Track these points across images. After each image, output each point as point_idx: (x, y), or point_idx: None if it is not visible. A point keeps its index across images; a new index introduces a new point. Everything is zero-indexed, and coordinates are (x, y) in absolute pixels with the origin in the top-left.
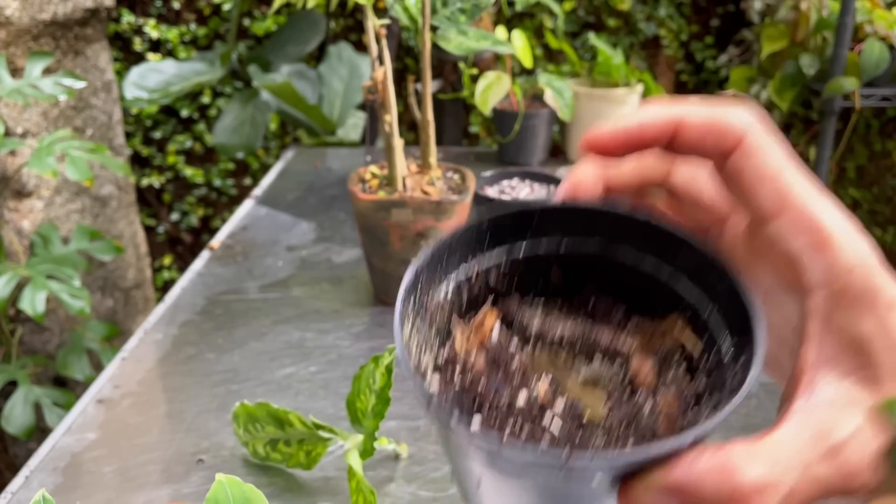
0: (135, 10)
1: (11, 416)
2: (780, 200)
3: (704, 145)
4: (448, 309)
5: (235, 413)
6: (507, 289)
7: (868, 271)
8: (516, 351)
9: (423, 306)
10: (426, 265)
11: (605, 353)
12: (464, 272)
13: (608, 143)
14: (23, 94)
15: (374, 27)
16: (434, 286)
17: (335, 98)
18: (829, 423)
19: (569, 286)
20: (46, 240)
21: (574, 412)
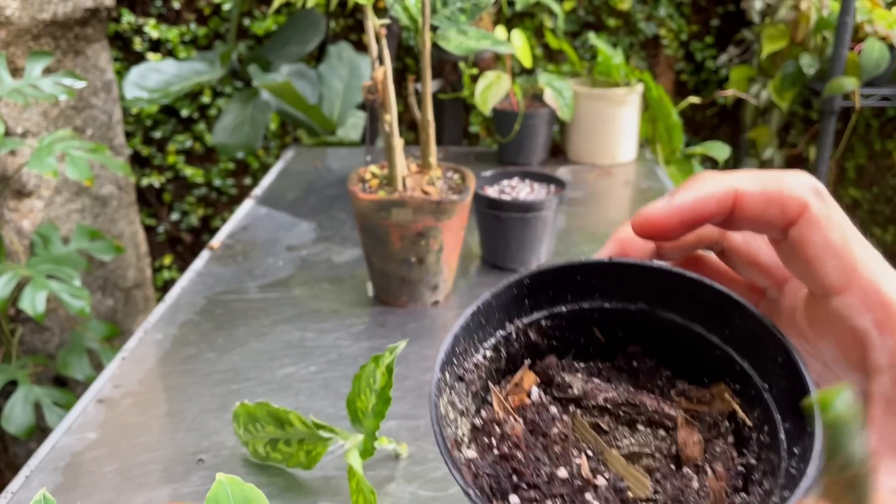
0: (135, 10)
1: (12, 415)
2: (846, 274)
3: (765, 218)
4: (487, 369)
5: (235, 413)
6: (549, 347)
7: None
8: (556, 416)
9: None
10: (463, 331)
11: (650, 422)
12: (503, 332)
13: (663, 224)
14: (23, 93)
15: (373, 27)
16: (472, 349)
17: (335, 98)
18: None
19: (611, 346)
20: (46, 239)
21: (618, 490)
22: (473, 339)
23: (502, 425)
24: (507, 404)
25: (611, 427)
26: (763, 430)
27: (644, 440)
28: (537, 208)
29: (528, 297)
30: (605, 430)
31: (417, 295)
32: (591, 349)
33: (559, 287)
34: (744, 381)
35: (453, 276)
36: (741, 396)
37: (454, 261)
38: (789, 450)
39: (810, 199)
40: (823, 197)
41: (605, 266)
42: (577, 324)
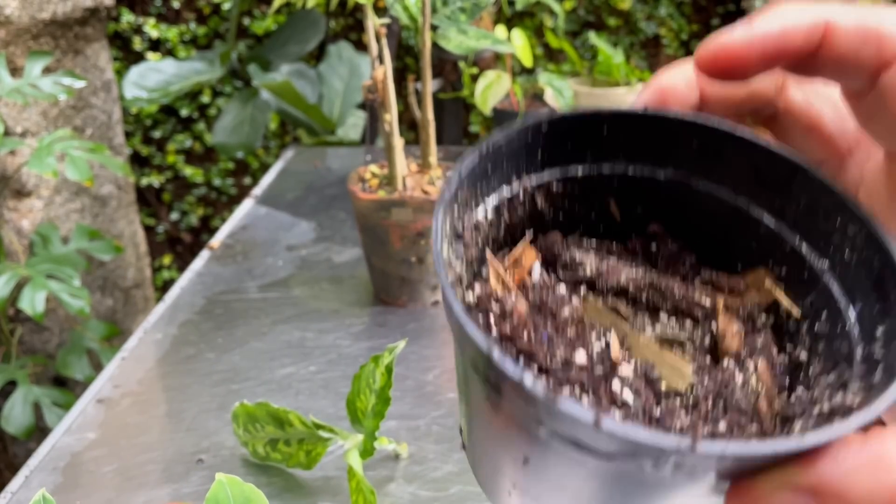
0: (134, 10)
1: (11, 415)
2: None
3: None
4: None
5: (235, 413)
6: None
7: None
8: (565, 298)
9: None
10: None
11: (676, 310)
12: (508, 190)
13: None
14: (22, 93)
15: (373, 26)
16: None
17: (335, 97)
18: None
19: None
20: (46, 239)
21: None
22: (476, 189)
23: (503, 302)
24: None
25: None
26: (819, 319)
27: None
28: None
29: (542, 149)
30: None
31: (417, 295)
32: (602, 228)
33: (580, 141)
34: (793, 264)
35: None
36: (787, 283)
37: None
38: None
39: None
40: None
41: (639, 118)
42: (592, 193)
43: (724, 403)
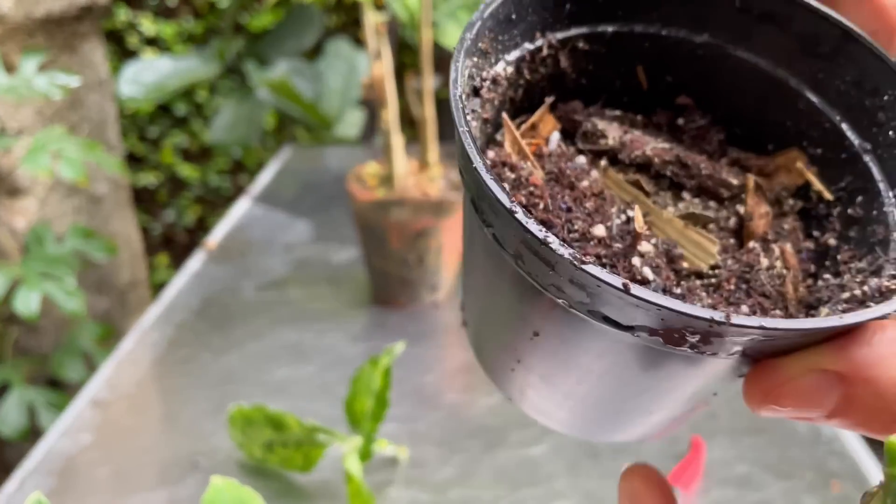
0: (130, 6)
1: (5, 417)
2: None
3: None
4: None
5: (232, 415)
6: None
7: None
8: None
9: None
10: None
11: (701, 189)
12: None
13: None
14: (17, 91)
15: (372, 23)
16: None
17: (333, 95)
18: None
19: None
20: (40, 239)
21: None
22: (497, 40)
23: (517, 169)
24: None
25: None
26: (854, 202)
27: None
28: None
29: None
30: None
31: (416, 295)
32: (626, 99)
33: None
34: (830, 143)
35: (453, 276)
36: (822, 164)
37: (454, 261)
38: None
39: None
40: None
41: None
42: (619, 56)
43: (747, 286)
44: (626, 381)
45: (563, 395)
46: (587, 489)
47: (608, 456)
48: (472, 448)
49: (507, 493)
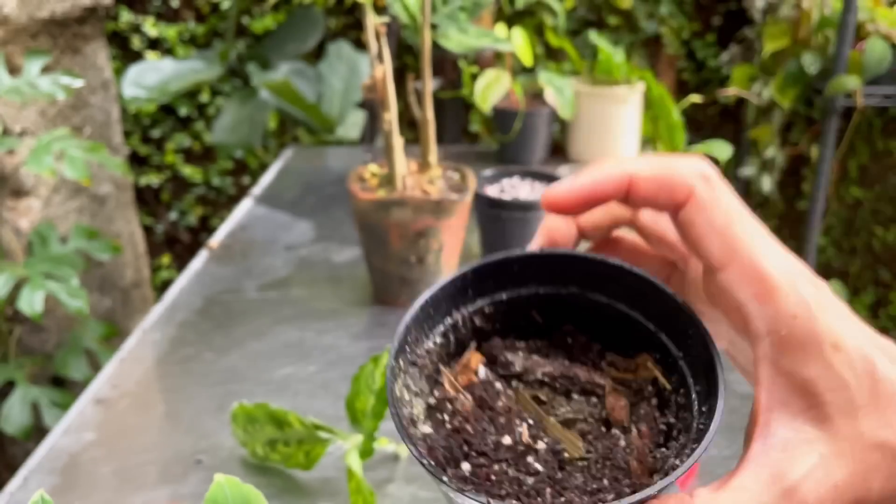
0: (133, 8)
1: (9, 416)
2: (727, 253)
3: (657, 200)
4: (437, 353)
5: (234, 413)
6: (492, 330)
7: (811, 317)
8: (501, 391)
9: (414, 357)
10: (413, 321)
11: (583, 391)
12: (450, 320)
13: (565, 201)
14: (21, 92)
15: (373, 25)
16: (423, 337)
17: (334, 96)
18: (785, 463)
19: (549, 326)
20: (44, 239)
21: (555, 452)
22: (423, 328)
23: (453, 402)
24: (456, 383)
25: (549, 397)
26: (679, 393)
27: (578, 407)
28: (538, 208)
29: (471, 288)
30: (545, 400)
31: (417, 294)
32: (531, 329)
33: (499, 277)
34: (663, 351)
35: None
36: (661, 364)
37: (454, 260)
38: (699, 409)
39: (697, 184)
40: (710, 181)
41: (537, 257)
42: (517, 308)
43: (610, 462)
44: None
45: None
46: None
47: None
48: None
49: None
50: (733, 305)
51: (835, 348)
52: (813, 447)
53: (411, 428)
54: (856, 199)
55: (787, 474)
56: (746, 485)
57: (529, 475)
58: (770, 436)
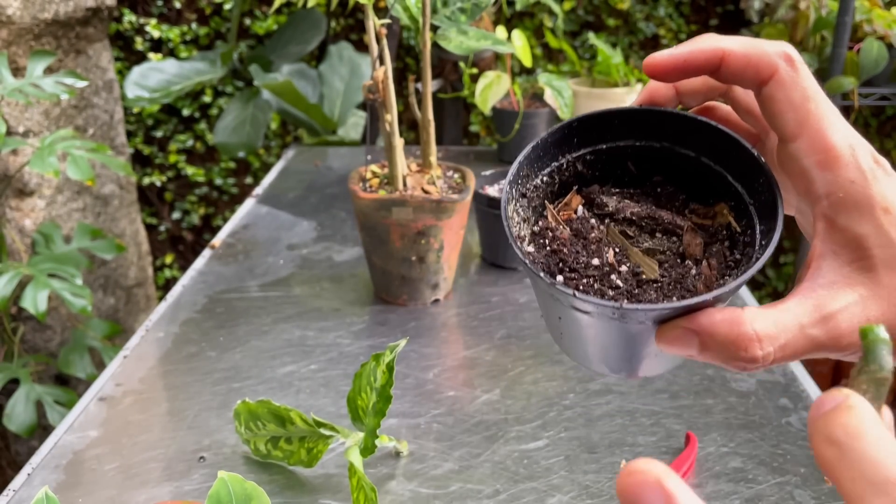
0: (136, 10)
1: (13, 413)
2: (799, 126)
3: (744, 75)
4: (543, 190)
5: (237, 411)
6: (591, 176)
7: (866, 184)
8: (595, 226)
9: (524, 189)
10: (525, 159)
11: (665, 230)
12: (556, 163)
13: (663, 67)
14: (24, 93)
15: (374, 26)
16: (533, 173)
17: (336, 97)
18: (828, 298)
19: (641, 176)
20: (48, 238)
21: (635, 273)
22: (533, 167)
23: (554, 231)
24: (557, 217)
25: (635, 233)
26: (747, 233)
27: (660, 242)
28: None
29: (576, 137)
30: (631, 235)
31: (418, 293)
32: (626, 179)
33: (600, 129)
34: (737, 199)
35: (453, 275)
36: (735, 211)
37: (454, 259)
38: (760, 243)
39: (780, 64)
40: (793, 62)
41: (636, 112)
42: (615, 158)
43: (680, 285)
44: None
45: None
46: (584, 483)
47: (605, 450)
48: (472, 443)
49: (506, 486)
50: (799, 171)
51: (885, 211)
52: (854, 289)
53: (519, 243)
54: None
55: (828, 305)
56: (791, 308)
57: (611, 288)
58: (819, 277)
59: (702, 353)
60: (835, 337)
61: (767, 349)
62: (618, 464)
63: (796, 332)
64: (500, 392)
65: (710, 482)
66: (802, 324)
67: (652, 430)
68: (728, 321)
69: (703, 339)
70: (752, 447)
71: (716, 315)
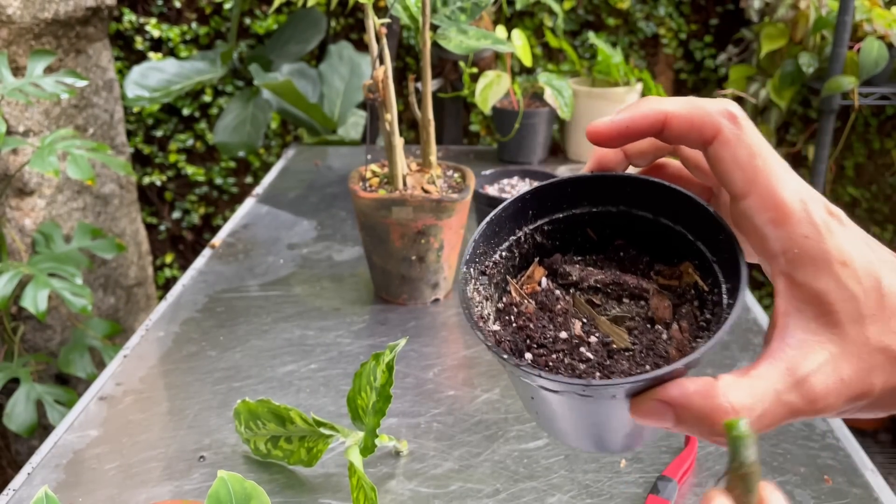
0: (136, 9)
1: (14, 413)
2: (748, 184)
3: (688, 137)
4: (504, 266)
5: (237, 410)
6: (552, 246)
7: (821, 238)
8: (560, 296)
9: (483, 267)
10: (481, 237)
11: (632, 295)
12: (514, 237)
13: (606, 135)
14: (25, 92)
15: (374, 26)
16: (491, 250)
17: (336, 97)
18: (799, 359)
19: (602, 241)
20: (48, 238)
21: (605, 344)
22: (490, 244)
23: (518, 306)
24: (521, 291)
25: (602, 301)
26: (714, 292)
27: (627, 308)
28: None
29: (530, 209)
30: (598, 303)
31: (418, 293)
32: (588, 245)
33: (555, 199)
34: (700, 257)
35: (454, 275)
36: (700, 269)
37: (454, 259)
38: (728, 302)
39: (723, 123)
40: (736, 119)
41: (589, 179)
42: (573, 226)
43: (652, 352)
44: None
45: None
46: (584, 482)
47: None
48: (472, 442)
49: (506, 486)
50: (752, 229)
51: (843, 265)
52: (824, 347)
53: (482, 323)
54: (852, 199)
55: (800, 367)
56: (764, 374)
57: (582, 362)
58: (787, 336)
59: (678, 426)
60: (810, 401)
61: None
62: (617, 463)
63: (772, 399)
64: (499, 391)
65: (710, 482)
66: (778, 390)
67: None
68: (702, 393)
69: (677, 412)
70: None
71: (689, 386)
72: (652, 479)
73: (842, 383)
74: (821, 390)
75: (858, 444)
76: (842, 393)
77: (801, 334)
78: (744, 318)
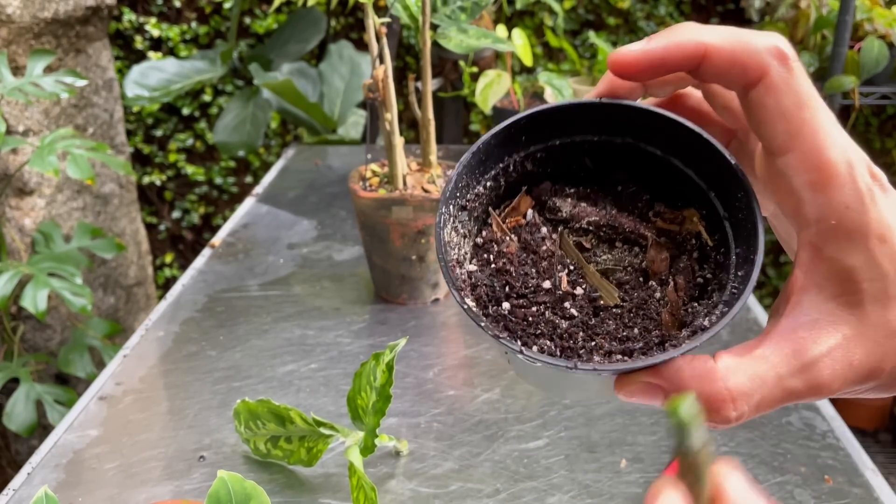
0: (136, 9)
1: (13, 413)
2: (791, 138)
3: (728, 77)
4: (487, 196)
5: (236, 410)
6: (544, 175)
7: (863, 209)
8: (546, 235)
9: (464, 201)
10: (465, 169)
11: (626, 240)
12: (502, 163)
13: (633, 66)
14: (24, 92)
15: (374, 25)
16: (474, 181)
17: (336, 96)
18: (809, 342)
19: (600, 172)
20: (48, 237)
21: (591, 299)
22: (475, 174)
23: (499, 243)
24: (503, 225)
25: (592, 245)
26: (720, 252)
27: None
28: None
29: (525, 135)
30: (588, 247)
31: (418, 293)
32: (583, 175)
33: (554, 126)
34: (710, 209)
35: None
36: (706, 221)
37: None
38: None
39: (772, 64)
40: (787, 60)
41: (594, 106)
42: (570, 154)
43: (642, 313)
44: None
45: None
46: (584, 482)
47: (605, 450)
48: (472, 442)
49: (507, 486)
50: (787, 190)
51: (880, 240)
52: (838, 329)
53: (457, 269)
54: None
55: (809, 351)
56: (767, 355)
57: (564, 319)
58: (800, 315)
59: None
60: (814, 387)
61: (742, 409)
62: (618, 463)
63: (773, 385)
64: (500, 391)
65: None
66: (780, 375)
67: (652, 430)
68: (699, 377)
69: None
70: (753, 446)
71: (684, 369)
72: (652, 479)
73: (850, 368)
74: (827, 376)
75: (859, 443)
76: (848, 378)
77: (816, 313)
78: (743, 318)
